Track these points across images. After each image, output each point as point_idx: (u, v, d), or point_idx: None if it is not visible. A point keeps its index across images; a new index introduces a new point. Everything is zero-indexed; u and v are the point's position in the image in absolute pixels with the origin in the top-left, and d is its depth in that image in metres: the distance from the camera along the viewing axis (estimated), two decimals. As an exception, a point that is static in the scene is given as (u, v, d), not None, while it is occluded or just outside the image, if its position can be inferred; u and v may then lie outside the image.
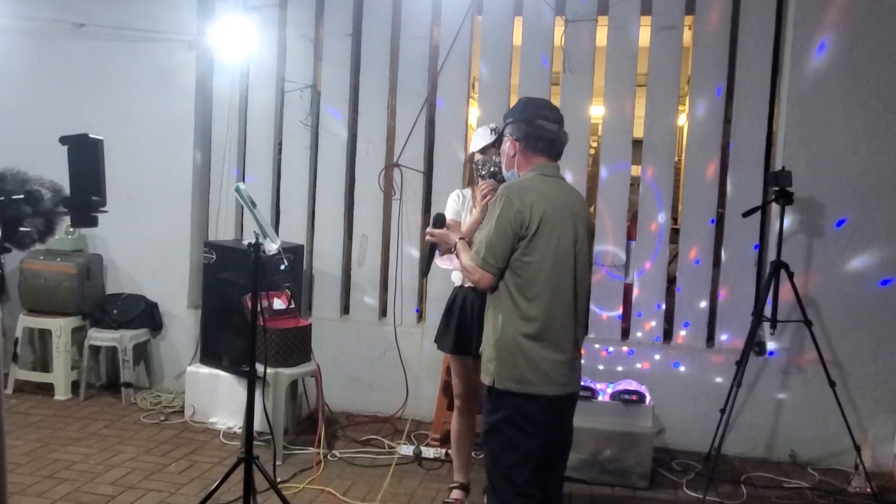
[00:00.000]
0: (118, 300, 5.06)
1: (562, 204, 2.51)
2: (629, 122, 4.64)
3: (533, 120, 2.58)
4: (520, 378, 2.48)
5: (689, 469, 4.20)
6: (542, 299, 2.46)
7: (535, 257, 2.44)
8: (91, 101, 5.14)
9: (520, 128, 2.60)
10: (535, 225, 2.43)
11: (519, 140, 2.60)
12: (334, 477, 3.90)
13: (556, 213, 2.47)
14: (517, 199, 2.44)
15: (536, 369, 2.47)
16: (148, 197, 5.12)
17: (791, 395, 4.43)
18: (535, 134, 2.58)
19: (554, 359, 2.48)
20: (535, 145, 2.58)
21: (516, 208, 2.43)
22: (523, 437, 2.50)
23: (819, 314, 4.33)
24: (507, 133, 2.64)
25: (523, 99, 2.73)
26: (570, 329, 2.53)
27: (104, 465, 3.90)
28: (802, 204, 4.31)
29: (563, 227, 2.48)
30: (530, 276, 2.45)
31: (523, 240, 2.44)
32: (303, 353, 4.21)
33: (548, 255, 2.45)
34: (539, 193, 2.47)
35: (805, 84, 4.34)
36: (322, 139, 5.06)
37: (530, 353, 2.47)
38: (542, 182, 2.52)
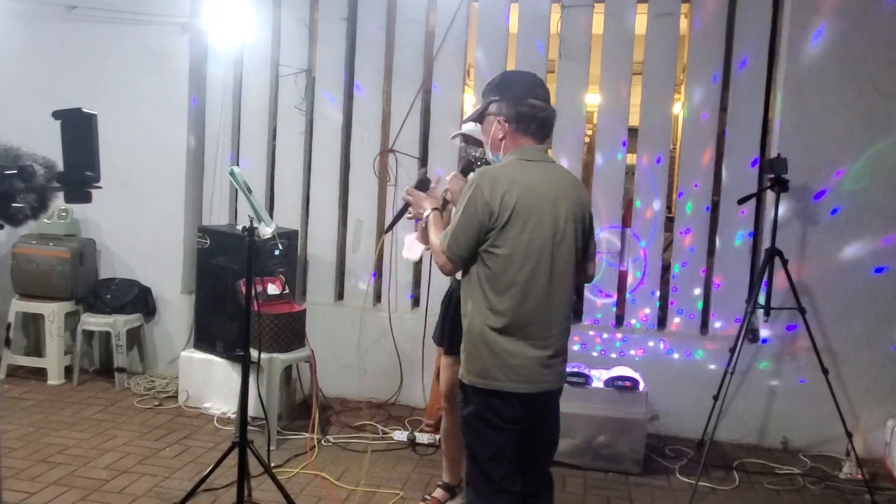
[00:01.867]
0: (111, 285, 5.04)
1: (542, 191, 2.30)
2: (625, 109, 4.62)
3: (524, 99, 2.35)
4: (482, 372, 2.33)
5: (682, 455, 4.22)
6: (512, 292, 2.29)
7: (504, 249, 2.28)
8: (83, 84, 5.09)
9: (509, 107, 2.35)
10: (505, 216, 2.25)
11: (510, 121, 2.36)
12: (328, 462, 3.90)
13: (532, 201, 2.27)
14: (487, 188, 2.26)
15: (502, 364, 2.31)
16: (141, 181, 5.09)
17: (784, 382, 4.44)
18: (529, 115, 2.35)
19: (525, 354, 2.31)
20: (528, 127, 2.35)
21: (485, 199, 2.25)
22: (494, 433, 2.36)
23: (813, 301, 4.34)
24: (492, 112, 2.38)
25: (506, 74, 2.49)
26: (547, 323, 2.34)
27: (98, 450, 3.89)
28: (797, 191, 4.31)
29: (539, 216, 2.28)
30: (499, 267, 2.29)
31: (492, 231, 2.27)
32: (297, 338, 4.20)
33: (519, 247, 2.27)
34: (512, 182, 2.27)
35: (801, 71, 4.33)
36: (317, 124, 5.03)
37: (496, 347, 2.31)
38: (520, 168, 2.31)
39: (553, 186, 2.33)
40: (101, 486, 3.48)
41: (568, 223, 2.34)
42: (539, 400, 2.39)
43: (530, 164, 2.34)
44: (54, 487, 3.44)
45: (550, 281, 2.31)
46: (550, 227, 2.30)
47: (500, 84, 2.40)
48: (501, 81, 2.40)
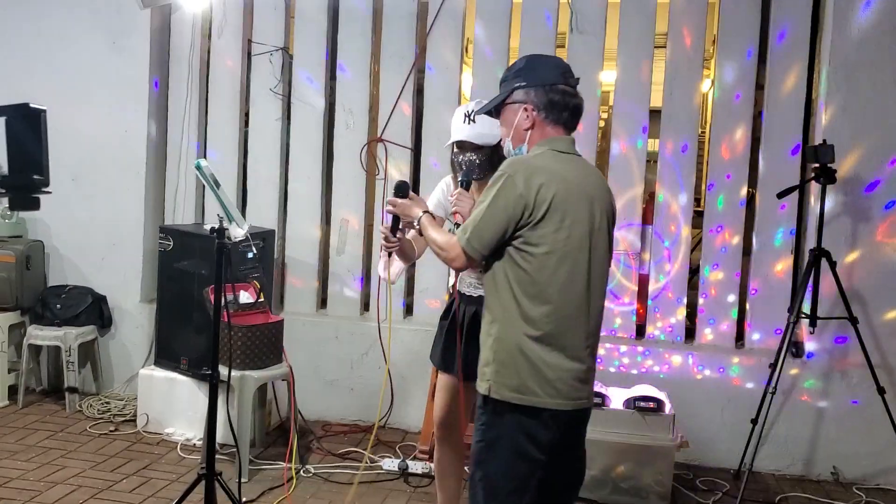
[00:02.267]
0: (62, 293, 5.03)
1: (578, 185, 2.35)
2: (646, 89, 4.60)
3: (555, 85, 2.40)
4: (520, 387, 2.34)
5: (716, 488, 4.18)
6: (549, 296, 2.32)
7: (542, 248, 2.31)
8: (29, 67, 5.10)
9: (538, 94, 2.40)
10: (541, 211, 2.29)
11: (539, 110, 2.41)
12: (308, 496, 3.88)
13: (569, 196, 2.32)
14: (522, 180, 2.29)
15: (540, 377, 2.33)
16: (95, 175, 5.10)
17: (833, 403, 4.41)
18: (560, 102, 2.40)
19: (563, 367, 2.34)
20: (559, 116, 2.41)
21: (518, 192, 2.28)
22: (523, 462, 2.36)
23: (866, 310, 4.30)
24: (517, 100, 2.43)
25: (532, 58, 2.53)
26: (583, 333, 2.38)
27: (45, 482, 3.88)
28: (846, 183, 4.28)
29: (577, 212, 2.33)
30: (535, 268, 2.32)
31: (524, 227, 2.31)
32: (273, 353, 4.18)
33: (557, 246, 2.31)
34: (550, 174, 2.32)
35: (849, 45, 4.30)
36: (295, 110, 5.03)
37: (534, 358, 2.33)
38: (554, 160, 2.37)
39: (587, 181, 2.40)
40: (47, 525, 3.47)
41: (602, 222, 2.41)
42: (580, 420, 2.46)
43: (563, 157, 2.40)
44: (-6, 526, 3.43)
45: (588, 285, 2.37)
46: (587, 225, 2.36)
47: (525, 69, 2.45)
48: (527, 66, 2.46)
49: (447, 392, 3.17)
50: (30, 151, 1.76)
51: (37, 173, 1.75)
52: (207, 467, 3.06)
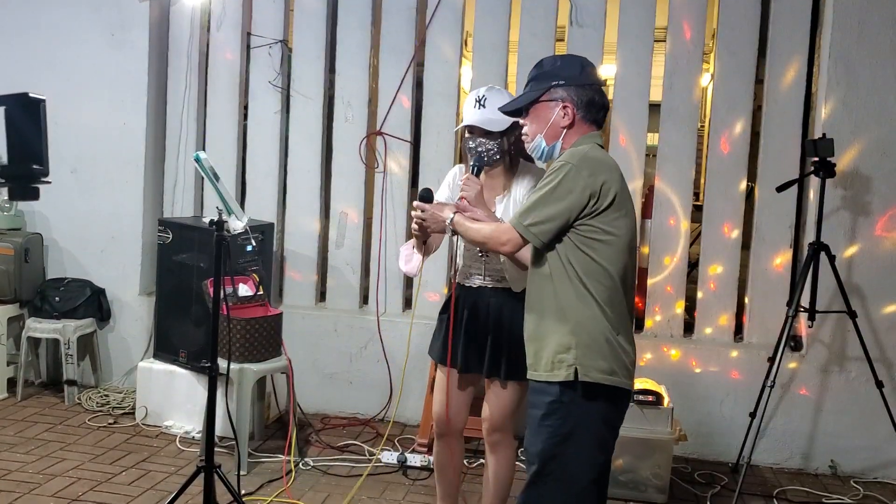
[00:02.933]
0: (60, 286, 5.03)
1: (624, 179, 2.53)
2: (646, 82, 4.60)
3: (594, 84, 2.54)
4: (609, 369, 2.43)
5: (714, 481, 4.19)
6: (615, 283, 2.44)
7: (610, 236, 2.42)
8: (27, 60, 5.09)
9: (579, 93, 2.51)
10: (607, 200, 2.39)
11: (578, 108, 2.51)
12: (307, 489, 3.88)
13: (625, 188, 2.48)
14: (587, 171, 2.38)
15: (619, 361, 2.45)
16: (94, 168, 5.09)
17: (832, 396, 4.41)
18: (598, 102, 2.53)
19: (629, 351, 2.49)
20: (597, 115, 2.55)
21: (584, 182, 2.38)
22: (601, 452, 2.49)
23: (864, 304, 4.31)
24: (556, 97, 2.51)
25: (567, 57, 2.67)
26: (631, 319, 2.55)
27: (44, 475, 3.88)
28: (846, 177, 4.28)
29: (630, 204, 2.51)
30: (604, 256, 2.42)
31: (587, 216, 2.40)
32: (272, 346, 4.18)
33: (621, 233, 2.44)
34: (609, 166, 2.45)
35: (850, 37, 4.29)
36: (294, 103, 5.02)
37: (613, 342, 2.44)
38: (602, 153, 2.51)
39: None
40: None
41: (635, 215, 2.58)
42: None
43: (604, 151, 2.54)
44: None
45: (635, 274, 2.57)
46: (634, 219, 2.53)
47: (563, 67, 2.54)
48: (564, 65, 2.55)
49: (442, 386, 3.16)
50: (29, 141, 1.76)
51: (36, 163, 1.75)
52: (206, 460, 3.06)
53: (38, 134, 1.76)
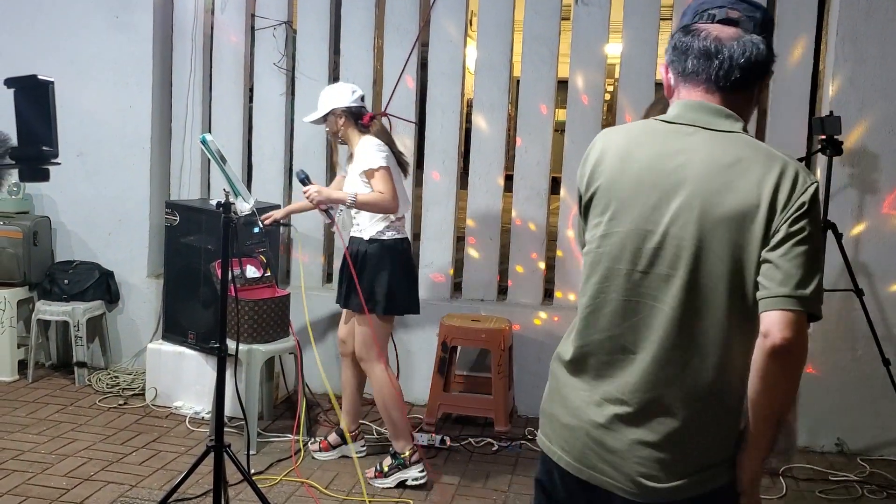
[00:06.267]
0: (69, 268, 5.06)
1: (645, 166, 1.66)
2: (652, 61, 4.58)
3: (690, 24, 1.73)
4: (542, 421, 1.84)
5: (720, 458, 4.21)
6: (581, 310, 1.74)
7: (586, 246, 1.76)
8: (32, 44, 5.10)
9: (671, 43, 1.74)
10: (587, 193, 1.74)
11: (670, 64, 1.75)
12: (315, 468, 3.92)
13: (624, 179, 1.67)
14: (586, 154, 1.78)
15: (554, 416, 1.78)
16: (101, 151, 5.10)
17: (838, 375, 4.42)
18: (682, 46, 1.69)
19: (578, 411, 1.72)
20: (684, 66, 1.69)
21: (580, 167, 1.79)
22: None
23: (871, 282, 4.31)
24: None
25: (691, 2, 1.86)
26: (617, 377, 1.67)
27: (56, 455, 3.93)
28: (853, 155, 4.27)
29: (627, 204, 1.66)
30: (583, 270, 1.76)
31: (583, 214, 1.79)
32: (280, 327, 4.22)
33: (591, 246, 1.72)
34: (614, 149, 1.71)
35: (857, 16, 4.27)
36: (299, 84, 5.02)
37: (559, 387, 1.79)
38: (641, 129, 1.74)
39: (674, 162, 1.64)
40: (60, 496, 3.51)
41: (681, 226, 1.61)
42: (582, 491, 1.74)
43: (662, 126, 1.70)
44: (8, 498, 3.47)
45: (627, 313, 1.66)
46: (637, 225, 1.65)
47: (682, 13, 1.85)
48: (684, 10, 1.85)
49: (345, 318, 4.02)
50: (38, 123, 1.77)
51: (46, 144, 1.77)
52: (216, 440, 3.08)
53: (46, 116, 1.78)
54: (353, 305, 3.75)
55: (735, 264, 1.58)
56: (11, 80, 1.77)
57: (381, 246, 3.72)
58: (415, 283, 3.92)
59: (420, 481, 3.73)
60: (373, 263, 3.71)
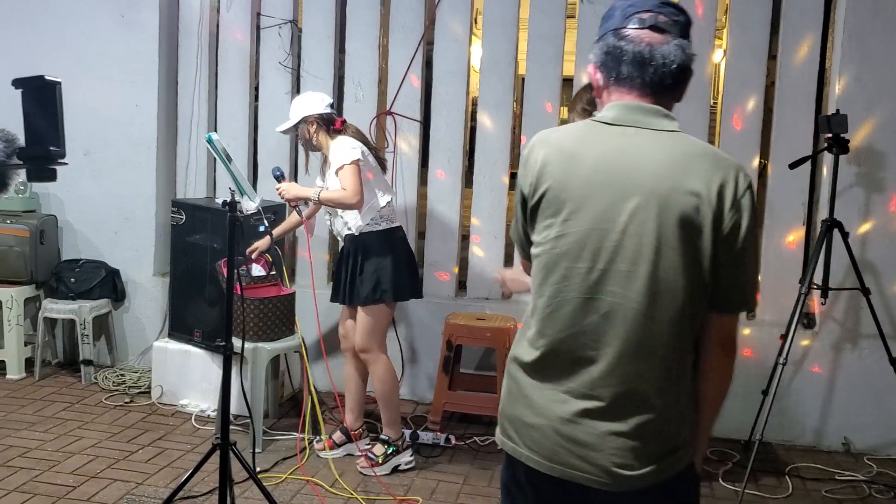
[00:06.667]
0: (75, 267, 5.08)
1: (596, 167, 1.69)
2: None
3: (619, 28, 1.74)
4: (502, 423, 1.86)
5: (726, 458, 4.21)
6: (539, 311, 1.76)
7: (535, 248, 1.77)
8: (38, 42, 5.11)
9: (597, 48, 1.78)
10: (534, 196, 1.74)
11: (598, 67, 1.78)
12: (321, 466, 3.93)
13: (576, 182, 1.69)
14: (525, 157, 1.79)
15: (518, 417, 1.79)
16: (107, 150, 5.12)
17: (844, 374, 4.42)
18: (615, 51, 1.72)
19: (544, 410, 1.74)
20: (616, 71, 1.73)
21: (520, 172, 1.80)
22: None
23: (878, 281, 4.30)
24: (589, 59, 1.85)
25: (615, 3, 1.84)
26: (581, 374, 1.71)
27: (63, 453, 3.94)
28: (860, 153, 4.26)
29: (589, 204, 1.68)
30: (533, 274, 1.78)
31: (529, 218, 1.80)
32: (285, 325, 4.23)
33: (545, 248, 1.73)
34: (557, 151, 1.73)
35: (864, 13, 4.26)
36: (304, 83, 5.02)
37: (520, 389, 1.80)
38: (584, 131, 1.76)
39: (626, 162, 1.68)
40: (67, 494, 3.53)
41: (639, 224, 1.66)
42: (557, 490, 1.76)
43: (604, 128, 1.73)
44: (16, 495, 3.49)
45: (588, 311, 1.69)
46: (595, 224, 1.68)
47: (604, 16, 1.84)
48: (607, 10, 1.84)
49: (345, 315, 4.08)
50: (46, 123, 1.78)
51: (53, 145, 1.78)
52: (222, 437, 3.09)
53: (54, 116, 1.78)
54: (359, 299, 3.82)
55: (691, 257, 1.66)
56: (19, 81, 1.78)
57: (376, 237, 3.82)
58: (415, 268, 4.00)
59: (411, 465, 3.94)
60: (373, 254, 3.81)
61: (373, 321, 3.84)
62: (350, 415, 4.09)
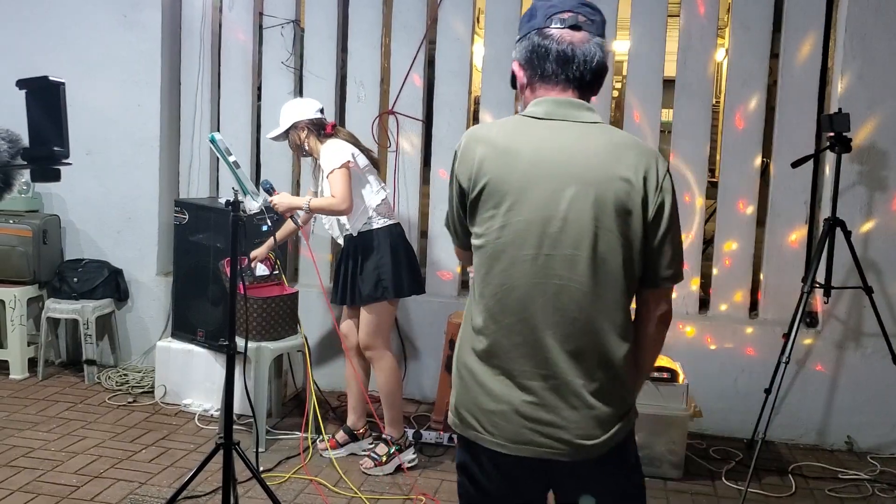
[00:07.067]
0: (78, 267, 5.08)
1: (534, 160, 1.79)
2: (660, 58, 4.57)
3: (543, 28, 1.84)
4: (454, 408, 1.93)
5: (729, 457, 4.21)
6: (485, 301, 1.84)
7: (477, 240, 1.86)
8: (41, 42, 5.12)
9: (521, 45, 1.89)
10: (474, 190, 1.83)
11: (522, 65, 1.89)
12: (324, 465, 3.93)
13: (514, 174, 1.79)
14: (459, 153, 1.89)
15: (471, 399, 1.87)
16: (110, 150, 5.12)
17: (847, 372, 4.41)
18: (540, 49, 1.83)
19: (503, 395, 1.82)
20: (541, 69, 1.84)
21: (454, 167, 1.90)
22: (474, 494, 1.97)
23: (881, 280, 4.30)
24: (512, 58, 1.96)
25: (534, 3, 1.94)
26: (535, 356, 1.80)
27: (66, 452, 3.94)
28: (862, 152, 4.26)
29: (524, 196, 1.78)
30: (478, 264, 1.87)
31: (467, 213, 1.89)
32: (288, 324, 4.23)
33: (489, 238, 1.82)
34: (491, 146, 1.83)
35: (866, 12, 4.25)
36: (307, 83, 5.02)
37: (467, 377, 1.88)
38: (516, 127, 1.86)
39: (560, 155, 1.80)
40: (70, 493, 3.53)
41: (579, 210, 1.77)
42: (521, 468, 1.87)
43: (534, 123, 1.84)
44: (19, 495, 3.49)
45: (538, 294, 1.79)
46: (538, 213, 1.78)
47: (523, 18, 1.94)
48: (525, 14, 1.94)
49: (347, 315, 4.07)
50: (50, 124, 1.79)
51: (57, 145, 1.78)
52: (225, 437, 3.09)
53: (57, 117, 1.79)
54: (361, 298, 3.84)
55: (625, 239, 1.80)
56: (23, 82, 1.79)
57: (375, 235, 3.85)
58: (415, 263, 4.01)
59: (414, 462, 3.96)
60: (372, 252, 3.83)
61: (376, 319, 3.86)
62: (353, 414, 4.10)
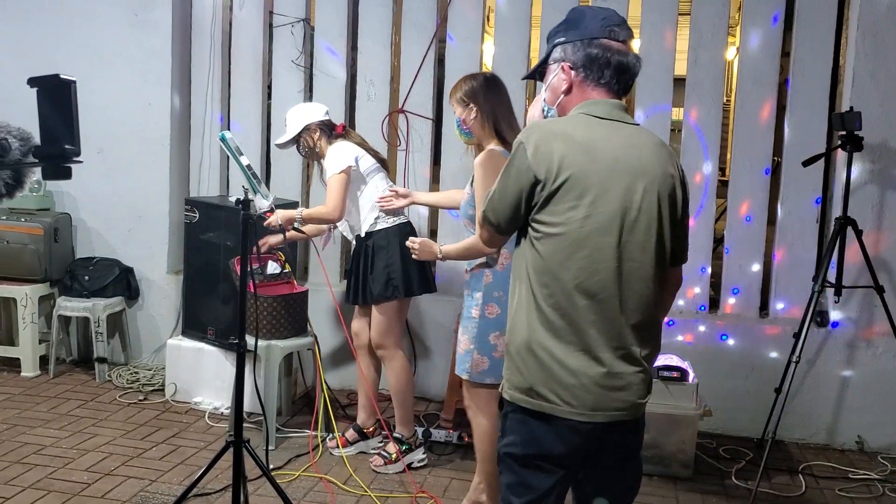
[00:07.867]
0: (89, 265, 5.09)
1: (611, 157, 1.99)
2: (670, 57, 4.56)
3: (597, 39, 2.05)
4: (525, 386, 2.04)
5: (739, 456, 4.20)
6: (562, 284, 2.00)
7: (555, 228, 1.99)
8: (52, 41, 5.13)
9: (576, 50, 2.07)
10: (554, 185, 1.97)
11: (576, 68, 2.07)
12: (333, 463, 3.93)
13: (594, 169, 1.97)
14: (532, 148, 1.98)
15: (551, 380, 2.01)
16: (121, 148, 5.12)
17: (858, 372, 4.39)
18: (601, 59, 2.05)
19: (579, 368, 1.99)
20: (600, 75, 2.06)
21: (527, 162, 1.98)
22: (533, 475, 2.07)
23: (892, 279, 4.27)
24: (555, 58, 2.12)
25: (575, 9, 2.17)
26: (610, 330, 2.00)
27: (77, 450, 3.95)
28: (873, 151, 4.23)
29: (604, 188, 1.97)
30: (549, 252, 2.00)
31: (537, 203, 2.01)
32: (298, 323, 4.23)
33: (572, 227, 1.98)
34: (570, 142, 1.98)
35: (879, 9, 4.23)
36: (317, 81, 5.02)
37: (545, 356, 2.01)
38: (584, 126, 2.02)
39: (630, 152, 2.02)
40: (81, 490, 3.54)
41: (649, 202, 2.01)
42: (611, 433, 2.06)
43: (600, 123, 2.04)
44: (31, 491, 3.50)
45: (618, 275, 2.00)
46: (619, 205, 1.98)
47: (566, 22, 2.13)
48: (568, 19, 2.14)
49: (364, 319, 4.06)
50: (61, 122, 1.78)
51: (68, 143, 1.78)
52: (235, 435, 3.09)
53: (69, 115, 1.79)
54: (372, 297, 3.85)
55: (672, 225, 2.07)
56: (34, 80, 1.78)
57: (385, 234, 3.86)
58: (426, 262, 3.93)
59: (424, 462, 3.95)
60: (382, 251, 3.84)
61: (387, 318, 3.87)
62: (362, 412, 4.10)
